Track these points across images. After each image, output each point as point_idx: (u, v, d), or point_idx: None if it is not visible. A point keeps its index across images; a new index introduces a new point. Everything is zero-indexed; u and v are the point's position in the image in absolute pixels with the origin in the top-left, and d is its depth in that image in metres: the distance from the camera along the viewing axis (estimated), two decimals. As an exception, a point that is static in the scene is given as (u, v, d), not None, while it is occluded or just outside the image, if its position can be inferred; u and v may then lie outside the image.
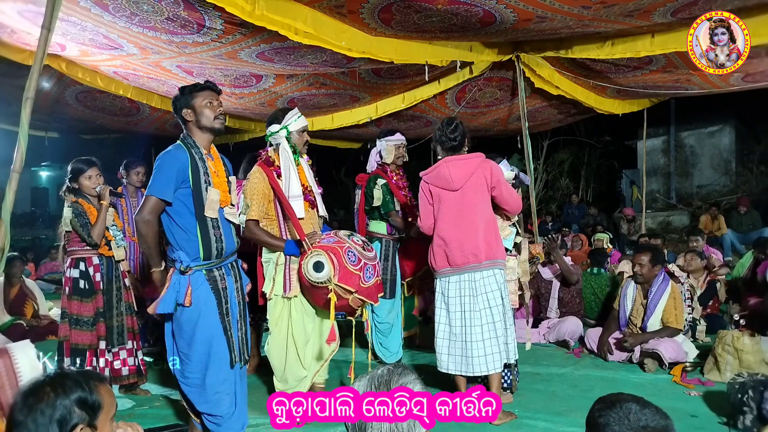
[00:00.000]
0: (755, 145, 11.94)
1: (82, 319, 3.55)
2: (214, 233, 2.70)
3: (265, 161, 3.40)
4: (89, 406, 1.41)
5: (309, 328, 3.38)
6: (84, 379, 1.44)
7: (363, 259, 3.19)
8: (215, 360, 2.67)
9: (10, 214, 2.85)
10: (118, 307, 3.70)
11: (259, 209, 3.29)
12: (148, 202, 2.62)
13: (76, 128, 8.95)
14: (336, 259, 3.08)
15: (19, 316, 5.72)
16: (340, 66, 5.39)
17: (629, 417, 1.37)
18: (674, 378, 3.99)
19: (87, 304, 3.56)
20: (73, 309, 3.55)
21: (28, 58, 4.85)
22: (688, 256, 5.94)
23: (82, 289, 3.58)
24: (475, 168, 3.32)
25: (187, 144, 2.72)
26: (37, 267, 9.70)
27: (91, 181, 3.63)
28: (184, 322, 2.65)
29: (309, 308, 3.38)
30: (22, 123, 2.83)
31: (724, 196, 11.30)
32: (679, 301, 4.32)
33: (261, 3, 3.66)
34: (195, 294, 2.62)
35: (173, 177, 2.61)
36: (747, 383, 3.01)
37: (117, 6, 3.90)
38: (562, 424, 3.20)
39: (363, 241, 3.36)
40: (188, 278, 2.61)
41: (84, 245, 3.60)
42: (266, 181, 3.31)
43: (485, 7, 4.11)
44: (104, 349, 3.60)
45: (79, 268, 3.60)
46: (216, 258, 2.71)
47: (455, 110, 7.55)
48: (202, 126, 2.73)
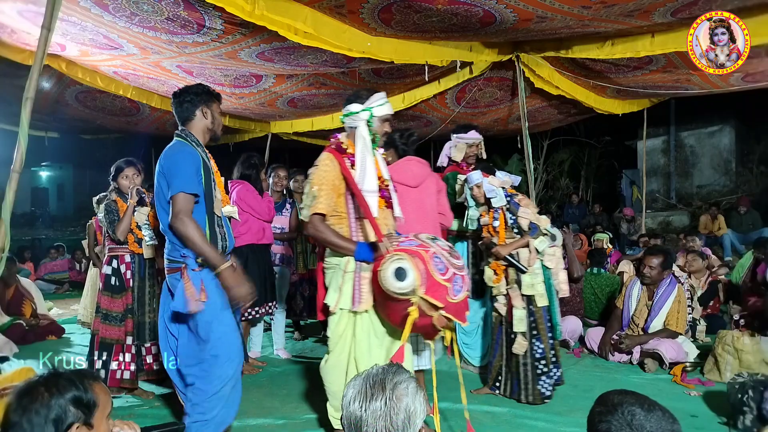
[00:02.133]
0: (755, 145, 11.94)
1: (111, 314, 3.67)
2: (220, 231, 2.71)
3: (337, 147, 2.89)
4: (84, 404, 1.42)
5: (375, 352, 2.80)
6: (78, 378, 1.44)
7: (451, 268, 2.57)
8: (229, 356, 2.66)
9: (10, 214, 2.85)
10: (150, 304, 3.77)
11: (328, 202, 2.76)
12: (179, 200, 2.53)
13: (76, 128, 8.95)
14: (422, 265, 2.51)
15: (18, 317, 5.72)
16: (340, 66, 5.39)
17: (632, 424, 1.27)
18: (674, 378, 3.99)
19: (117, 300, 3.68)
20: (104, 304, 3.69)
21: (28, 58, 4.86)
22: (689, 257, 5.95)
23: (113, 286, 3.70)
24: (429, 172, 3.48)
25: (191, 142, 2.69)
26: (37, 267, 9.70)
27: (128, 180, 3.75)
28: (201, 319, 2.63)
29: (378, 327, 2.82)
30: (22, 123, 2.83)
31: (724, 196, 11.30)
32: (683, 305, 4.32)
33: (261, 3, 3.67)
34: (208, 289, 2.60)
35: (195, 172, 2.60)
36: (747, 383, 3.01)
37: (117, 6, 3.90)
38: (562, 424, 3.20)
39: (449, 247, 2.76)
40: (200, 275, 2.60)
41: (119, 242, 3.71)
42: (338, 170, 2.79)
43: (485, 7, 4.11)
44: (131, 344, 3.67)
45: (111, 265, 3.73)
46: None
47: (455, 110, 7.55)
48: (211, 129, 2.77)
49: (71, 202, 21.11)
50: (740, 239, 9.08)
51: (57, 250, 10.12)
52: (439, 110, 7.65)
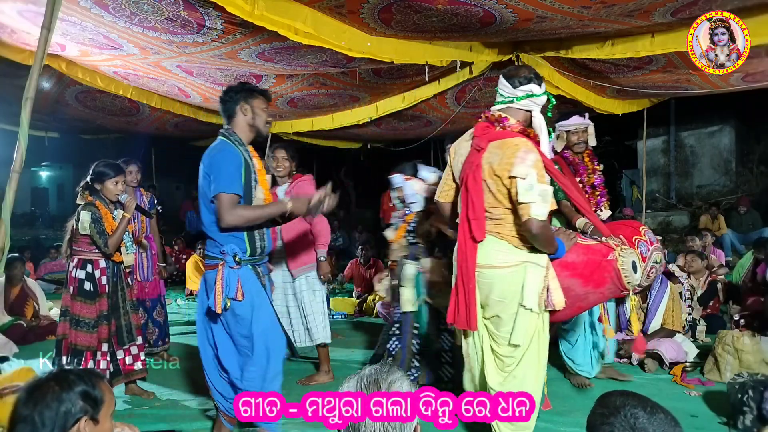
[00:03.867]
0: (755, 145, 11.94)
1: (83, 321, 3.53)
2: (258, 231, 2.71)
3: (521, 131, 2.56)
4: (92, 399, 1.47)
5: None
6: (86, 375, 1.51)
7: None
8: (273, 353, 2.68)
9: (10, 214, 2.85)
10: (123, 307, 3.70)
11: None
12: (221, 201, 2.55)
13: (76, 128, 8.95)
14: (641, 258, 2.69)
15: (19, 317, 5.72)
16: (340, 66, 5.39)
17: (635, 427, 1.25)
18: (674, 378, 3.99)
19: (90, 306, 3.54)
20: (75, 309, 3.53)
21: (28, 58, 4.85)
22: (689, 257, 5.95)
23: (87, 291, 3.55)
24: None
25: (233, 141, 2.70)
26: (37, 267, 9.69)
27: (117, 187, 3.63)
28: (239, 319, 2.64)
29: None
30: (22, 123, 2.83)
31: (724, 196, 11.29)
32: (677, 302, 4.32)
33: (261, 3, 3.66)
34: (245, 288, 2.60)
35: (236, 171, 2.61)
36: (747, 383, 3.01)
37: (117, 6, 3.90)
38: (562, 424, 3.20)
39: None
40: (237, 273, 2.60)
41: (93, 249, 3.56)
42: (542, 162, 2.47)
43: (485, 7, 4.11)
44: (106, 351, 3.58)
45: (85, 270, 3.56)
46: (258, 255, 2.73)
47: (455, 110, 7.55)
48: (254, 125, 2.76)
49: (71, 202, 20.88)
50: (740, 239, 9.08)
51: (57, 250, 10.08)
52: (439, 110, 7.64)
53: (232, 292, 2.57)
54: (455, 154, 2.77)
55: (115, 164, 3.72)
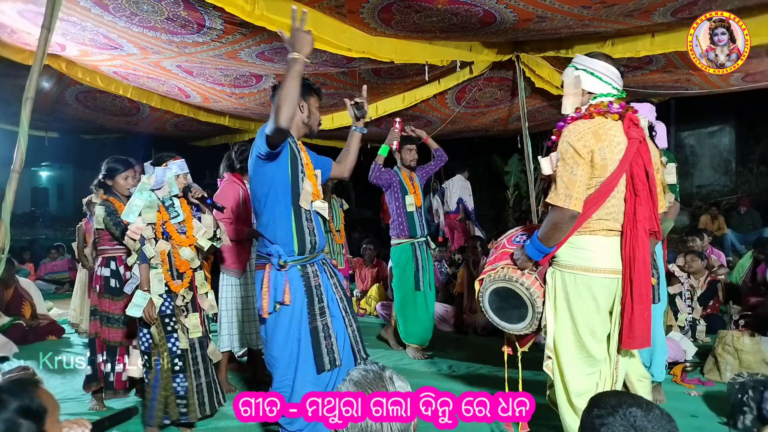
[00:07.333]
0: (755, 145, 11.92)
1: (113, 317, 3.63)
2: (308, 225, 2.65)
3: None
4: (34, 412, 1.34)
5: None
6: (21, 388, 1.35)
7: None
8: (303, 363, 2.58)
9: (10, 214, 2.85)
10: None
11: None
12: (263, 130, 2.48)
13: (76, 128, 8.95)
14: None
15: (18, 317, 5.72)
16: (340, 66, 5.39)
17: (635, 425, 1.26)
18: (674, 378, 3.99)
19: (118, 302, 3.62)
20: (104, 307, 3.64)
21: (28, 58, 4.86)
22: (689, 257, 5.94)
23: (113, 288, 3.64)
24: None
25: None
26: (37, 267, 9.70)
27: (127, 181, 3.68)
28: (280, 323, 2.57)
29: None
30: (22, 123, 2.83)
31: (724, 196, 11.29)
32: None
33: (261, 3, 3.67)
34: (292, 291, 2.55)
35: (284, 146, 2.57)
36: (747, 383, 3.01)
37: (117, 6, 3.90)
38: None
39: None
40: (285, 274, 2.55)
41: (115, 244, 3.64)
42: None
43: (485, 7, 4.11)
44: (136, 345, 3.61)
45: (110, 267, 3.66)
46: (309, 253, 2.65)
47: (455, 110, 7.55)
48: (307, 123, 2.78)
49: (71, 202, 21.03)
50: (740, 239, 9.08)
51: (57, 250, 10.10)
52: (439, 110, 7.64)
53: (280, 295, 2.51)
54: (599, 149, 2.33)
55: (124, 159, 3.76)
